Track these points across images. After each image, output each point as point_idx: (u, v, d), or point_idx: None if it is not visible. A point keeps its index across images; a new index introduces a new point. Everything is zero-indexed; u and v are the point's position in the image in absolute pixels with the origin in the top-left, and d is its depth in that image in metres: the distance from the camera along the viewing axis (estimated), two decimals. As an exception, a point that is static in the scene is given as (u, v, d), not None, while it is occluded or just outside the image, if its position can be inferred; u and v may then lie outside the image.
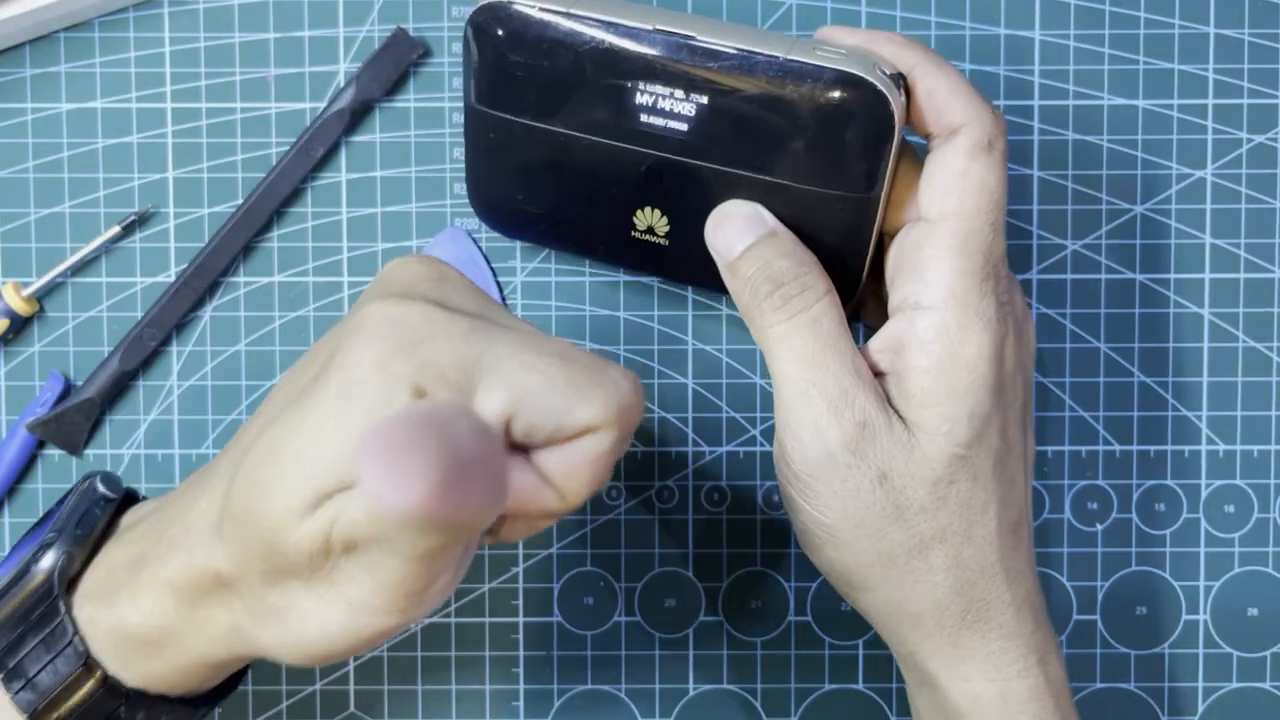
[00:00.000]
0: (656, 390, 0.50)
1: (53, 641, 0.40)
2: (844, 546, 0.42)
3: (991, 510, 0.42)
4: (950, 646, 0.43)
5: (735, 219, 0.43)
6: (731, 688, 0.51)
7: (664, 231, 0.45)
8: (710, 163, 0.43)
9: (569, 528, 0.51)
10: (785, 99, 0.41)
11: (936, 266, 0.41)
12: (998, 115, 0.42)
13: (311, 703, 0.51)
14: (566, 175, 0.44)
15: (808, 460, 0.42)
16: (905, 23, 0.50)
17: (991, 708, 0.43)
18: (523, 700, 0.51)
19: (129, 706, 0.40)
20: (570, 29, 0.42)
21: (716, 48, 0.41)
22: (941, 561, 0.42)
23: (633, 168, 0.44)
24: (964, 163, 0.41)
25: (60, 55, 0.49)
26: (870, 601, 0.43)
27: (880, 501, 0.41)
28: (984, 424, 0.41)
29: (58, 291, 0.50)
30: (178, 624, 0.39)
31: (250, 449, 0.37)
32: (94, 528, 0.41)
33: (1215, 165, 0.50)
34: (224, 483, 0.38)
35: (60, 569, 0.40)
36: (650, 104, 0.42)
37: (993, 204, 0.41)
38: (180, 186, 0.50)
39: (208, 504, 0.38)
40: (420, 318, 0.36)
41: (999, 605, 0.43)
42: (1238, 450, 0.51)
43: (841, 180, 0.42)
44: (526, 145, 0.44)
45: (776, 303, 0.42)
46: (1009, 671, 0.43)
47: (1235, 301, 0.50)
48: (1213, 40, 0.50)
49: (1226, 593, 0.51)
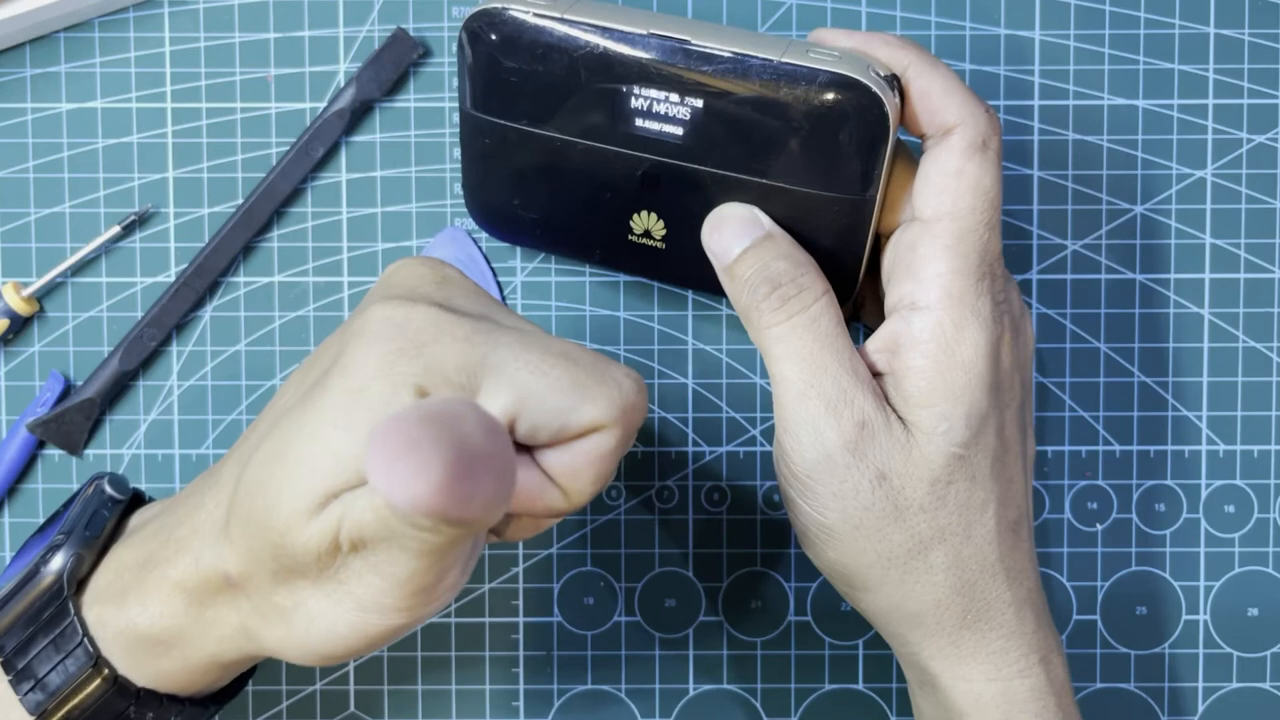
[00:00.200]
0: (656, 390, 0.50)
1: (62, 642, 0.40)
2: (843, 547, 0.42)
3: (990, 509, 0.42)
4: (951, 646, 0.43)
5: (731, 222, 0.43)
6: (731, 688, 0.51)
7: (660, 235, 0.45)
8: (706, 166, 0.43)
9: (569, 528, 0.51)
10: (780, 102, 0.41)
11: (932, 266, 0.41)
12: (992, 114, 0.42)
13: (311, 703, 0.51)
14: (562, 180, 0.44)
15: (806, 461, 0.42)
16: (905, 23, 0.50)
17: (993, 707, 0.43)
18: (523, 700, 0.51)
19: (138, 706, 0.40)
20: (564, 34, 0.42)
21: (711, 52, 0.41)
22: (941, 561, 0.42)
23: (628, 172, 0.43)
24: (958, 162, 0.41)
25: (60, 55, 0.49)
26: (871, 602, 0.43)
27: (879, 502, 0.41)
28: (981, 423, 0.41)
29: (58, 291, 0.50)
30: (186, 624, 0.39)
31: (256, 450, 0.37)
32: (103, 529, 0.41)
33: (1215, 165, 0.50)
34: (230, 484, 0.38)
35: (70, 570, 0.40)
36: (645, 108, 0.42)
37: (987, 203, 0.41)
38: (180, 186, 0.50)
39: (214, 505, 0.38)
40: (424, 320, 0.36)
41: (999, 604, 0.43)
42: (1237, 450, 0.51)
43: (837, 182, 0.42)
44: (522, 151, 0.44)
45: (774, 304, 0.42)
46: (1010, 671, 0.43)
47: (1235, 302, 0.50)
48: (1213, 40, 0.50)
49: (1226, 593, 0.51)
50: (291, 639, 0.38)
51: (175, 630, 0.39)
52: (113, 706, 0.40)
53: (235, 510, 0.37)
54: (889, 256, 0.44)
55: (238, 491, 0.37)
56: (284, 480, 0.36)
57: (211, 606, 0.39)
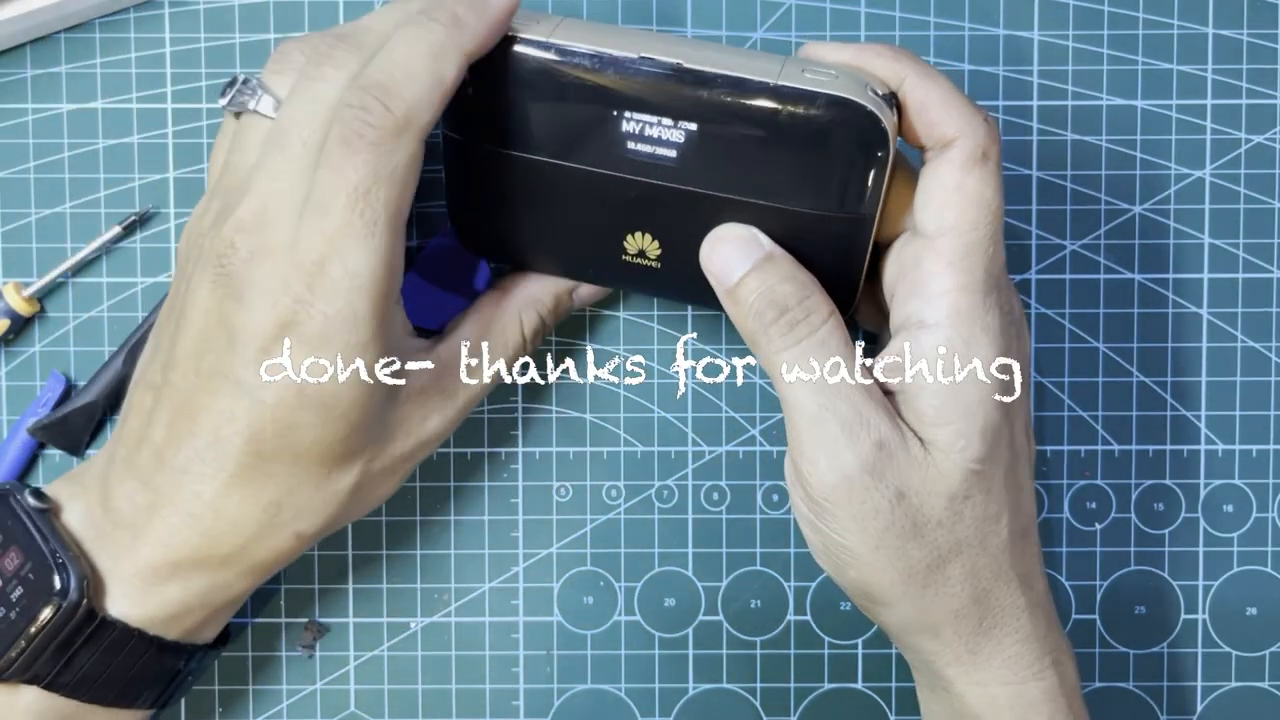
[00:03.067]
0: (656, 390, 0.50)
1: (103, 643, 0.42)
2: (864, 566, 0.42)
3: (1004, 519, 0.42)
4: (969, 654, 0.43)
5: (730, 243, 0.42)
6: (731, 687, 0.51)
7: (656, 255, 0.44)
8: (701, 188, 0.42)
9: (569, 528, 0.51)
10: (777, 124, 0.40)
11: (938, 283, 0.41)
12: (991, 124, 0.41)
13: (311, 702, 0.51)
14: (554, 205, 0.43)
15: (825, 484, 0.41)
16: (904, 23, 0.50)
17: (1008, 710, 0.43)
18: (523, 700, 0.51)
19: (173, 656, 0.43)
20: (554, 59, 0.41)
21: (704, 75, 0.40)
22: (958, 573, 0.42)
23: (622, 196, 0.42)
24: (958, 176, 0.41)
25: (61, 56, 0.49)
26: (890, 616, 0.43)
27: (899, 521, 0.41)
28: (995, 437, 0.41)
29: (59, 292, 0.50)
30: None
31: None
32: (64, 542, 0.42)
33: (1214, 165, 0.50)
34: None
35: (89, 587, 0.41)
36: (638, 131, 0.41)
37: (990, 216, 0.41)
38: (181, 187, 0.50)
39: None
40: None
41: (1014, 610, 0.43)
42: (1236, 450, 0.51)
43: (835, 201, 0.41)
44: (512, 177, 0.43)
45: (782, 329, 0.42)
46: (1025, 674, 0.43)
47: (1234, 301, 0.50)
48: (1211, 40, 0.50)
49: (1225, 592, 0.51)
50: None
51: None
52: (153, 664, 0.43)
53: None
54: (891, 269, 0.43)
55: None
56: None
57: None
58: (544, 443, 0.51)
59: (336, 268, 0.39)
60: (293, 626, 0.51)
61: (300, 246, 0.39)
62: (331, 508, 0.42)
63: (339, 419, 0.40)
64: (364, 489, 0.43)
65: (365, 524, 0.50)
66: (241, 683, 0.51)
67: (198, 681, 0.46)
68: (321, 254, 0.39)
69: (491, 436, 0.51)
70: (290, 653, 0.51)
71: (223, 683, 0.51)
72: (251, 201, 0.40)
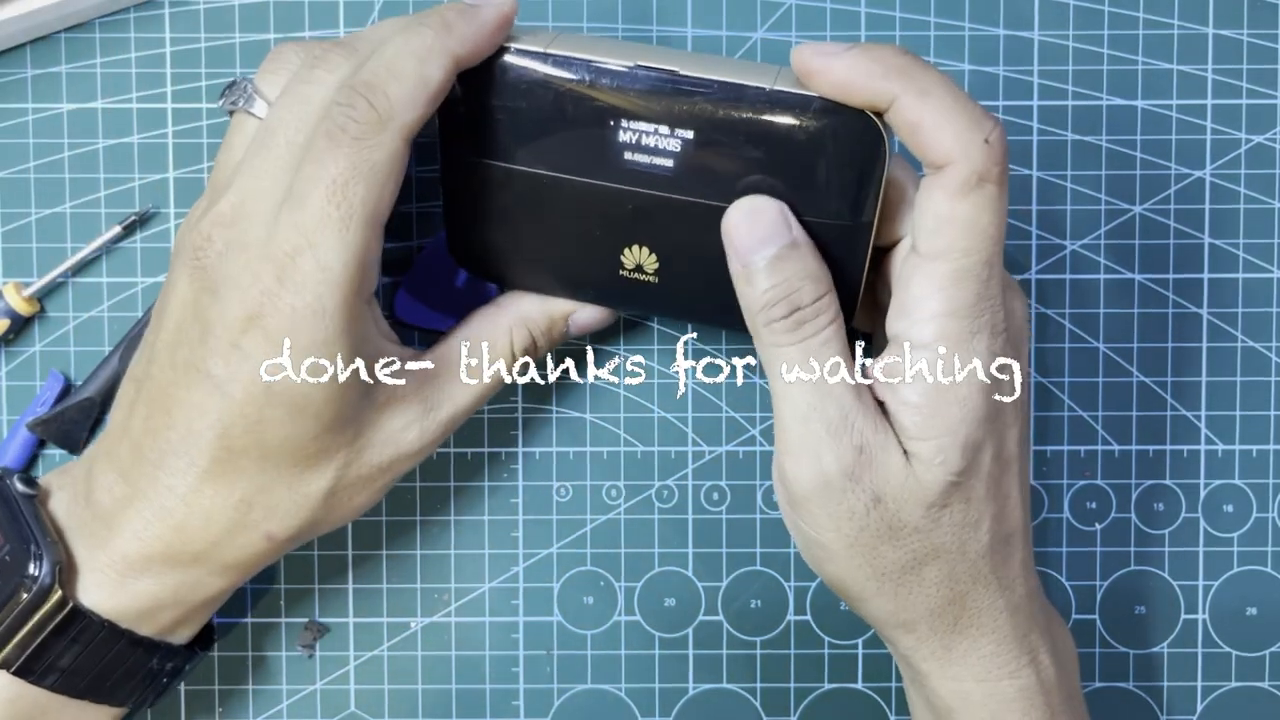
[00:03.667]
0: (656, 390, 0.50)
1: (76, 634, 0.42)
2: (840, 563, 0.42)
3: (984, 526, 0.42)
4: (943, 650, 0.43)
5: (759, 217, 0.41)
6: (731, 687, 0.51)
7: (653, 269, 0.44)
8: (698, 197, 0.42)
9: (569, 528, 0.51)
10: (773, 130, 0.40)
11: (928, 306, 0.40)
12: (993, 144, 0.39)
13: (311, 702, 0.51)
14: (551, 218, 0.43)
15: (804, 484, 0.42)
16: (904, 23, 0.50)
17: (980, 706, 0.43)
18: (523, 700, 0.51)
19: (146, 653, 0.43)
20: (549, 70, 0.41)
21: (700, 82, 0.40)
22: (934, 576, 0.42)
23: (619, 207, 0.42)
24: (949, 206, 0.40)
25: (61, 56, 0.49)
26: (867, 610, 0.44)
27: (874, 523, 0.41)
28: (977, 452, 0.41)
29: (58, 291, 0.50)
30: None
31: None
32: (46, 528, 0.42)
33: (1214, 165, 0.50)
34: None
35: (61, 573, 0.41)
36: (635, 141, 0.41)
37: (984, 242, 0.40)
38: (181, 187, 0.50)
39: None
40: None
41: (991, 612, 0.43)
42: (1236, 450, 0.51)
43: (834, 208, 0.41)
44: (508, 190, 0.43)
45: (790, 325, 0.41)
46: (1000, 673, 0.43)
47: (1234, 301, 0.50)
48: (1211, 41, 0.50)
49: (1225, 592, 0.51)
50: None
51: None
52: (125, 658, 0.43)
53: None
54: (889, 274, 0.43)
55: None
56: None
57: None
58: (544, 443, 0.51)
59: (308, 260, 0.39)
60: (293, 626, 0.51)
61: (275, 239, 0.39)
62: (305, 511, 0.42)
63: (309, 417, 0.40)
64: (338, 495, 0.43)
65: (365, 524, 0.50)
66: (241, 683, 0.51)
67: (176, 685, 0.45)
68: (295, 245, 0.39)
69: (491, 436, 0.51)
70: (290, 653, 0.51)
71: (223, 683, 0.51)
72: (231, 197, 0.40)
